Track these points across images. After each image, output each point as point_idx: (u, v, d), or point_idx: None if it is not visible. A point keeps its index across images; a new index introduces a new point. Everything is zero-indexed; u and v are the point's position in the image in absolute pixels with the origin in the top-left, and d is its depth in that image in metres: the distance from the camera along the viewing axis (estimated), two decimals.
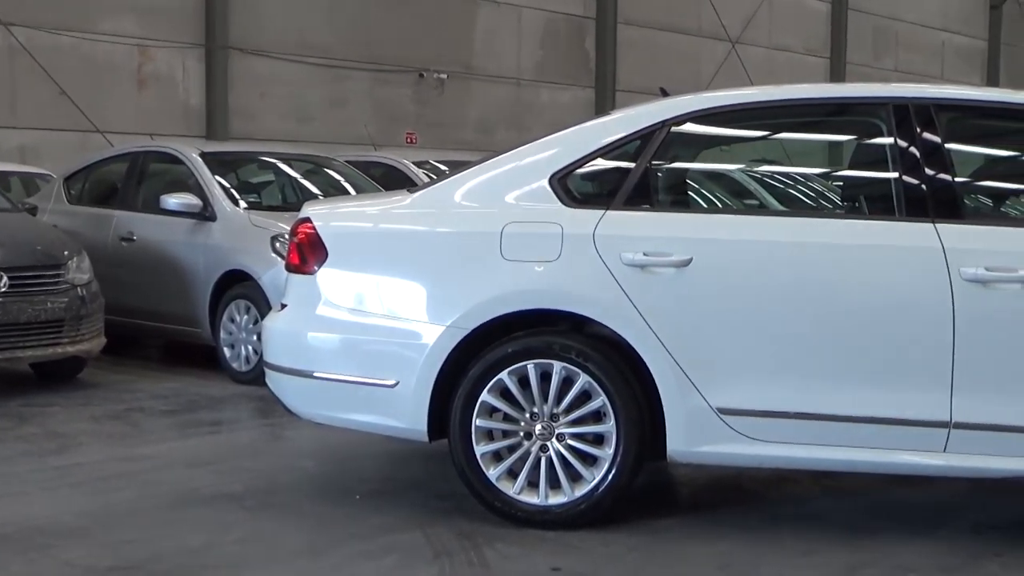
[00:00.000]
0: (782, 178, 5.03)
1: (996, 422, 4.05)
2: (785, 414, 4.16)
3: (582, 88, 20.04)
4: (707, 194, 4.87)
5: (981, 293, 4.02)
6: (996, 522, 4.51)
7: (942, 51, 28.06)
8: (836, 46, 25.00)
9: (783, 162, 5.13)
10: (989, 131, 4.75)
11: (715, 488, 5.04)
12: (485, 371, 4.30)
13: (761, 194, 4.88)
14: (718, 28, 22.03)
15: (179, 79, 15.06)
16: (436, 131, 17.58)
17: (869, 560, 4.01)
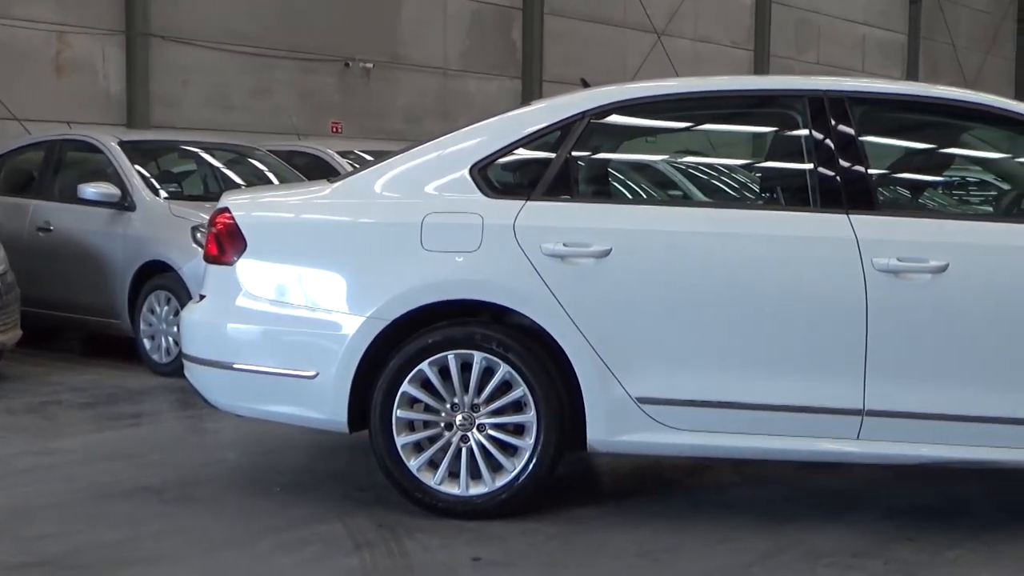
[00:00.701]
0: (702, 169, 5.09)
1: (908, 409, 4.13)
2: (704, 403, 4.21)
3: (509, 78, 20.02)
4: (627, 185, 4.90)
5: (893, 283, 4.10)
6: (908, 507, 4.60)
7: (863, 44, 28.47)
8: (760, 39, 25.24)
9: (703, 153, 5.19)
10: (903, 124, 4.84)
11: (636, 476, 5.08)
12: (406, 362, 4.30)
13: (681, 185, 4.92)
14: (644, 20, 22.13)
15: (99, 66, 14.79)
16: (362, 121, 17.46)
17: (784, 545, 4.08)
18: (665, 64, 22.24)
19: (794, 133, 4.51)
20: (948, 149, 5.09)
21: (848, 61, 27.51)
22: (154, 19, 15.02)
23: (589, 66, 19.48)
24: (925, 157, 5.06)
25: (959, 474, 4.86)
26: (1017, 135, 4.64)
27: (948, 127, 4.85)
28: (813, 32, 26.95)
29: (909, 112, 4.72)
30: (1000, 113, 4.42)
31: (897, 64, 29.71)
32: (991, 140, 4.88)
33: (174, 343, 7.32)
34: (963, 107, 4.52)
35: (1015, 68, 34.07)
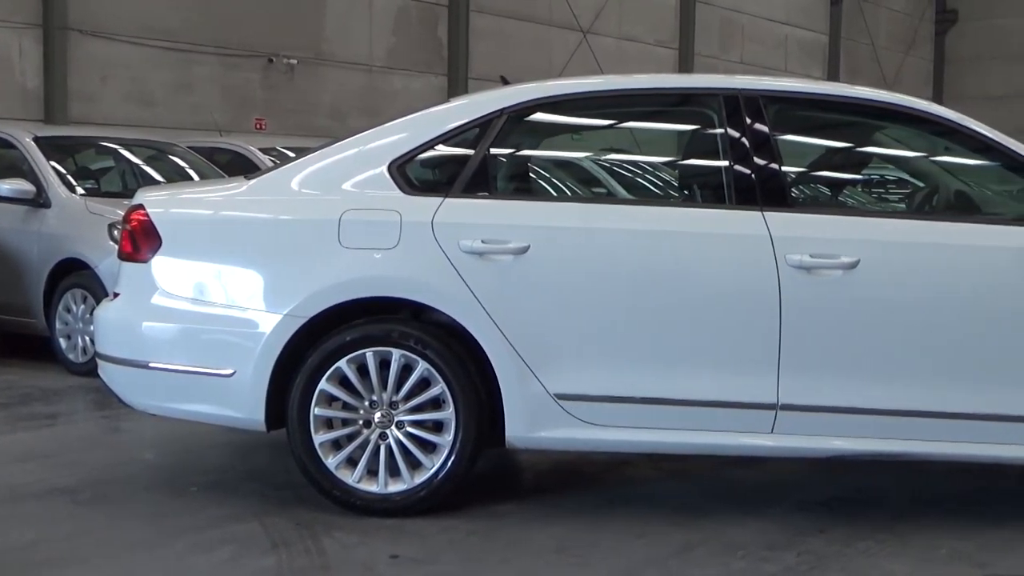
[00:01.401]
0: (621, 167, 5.12)
1: (820, 403, 4.20)
2: (621, 399, 4.24)
3: (435, 75, 20.00)
4: (546, 182, 4.92)
5: (806, 279, 4.16)
6: (821, 499, 4.67)
7: (786, 44, 28.85)
8: (684, 37, 25.48)
9: (622, 151, 5.22)
10: (817, 123, 4.92)
11: (556, 472, 5.11)
12: (323, 359, 4.27)
13: (600, 182, 4.96)
14: (569, 18, 22.23)
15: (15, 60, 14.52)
16: (287, 117, 17.33)
17: (700, 539, 4.12)
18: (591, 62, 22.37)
19: (710, 131, 4.56)
20: (861, 148, 5.19)
21: (771, 60, 27.87)
22: (72, 12, 14.78)
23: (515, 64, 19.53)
24: (839, 155, 5.15)
25: (871, 466, 4.94)
26: (928, 134, 4.73)
27: (861, 126, 4.94)
28: (737, 31, 27.26)
29: (823, 111, 4.79)
30: (912, 113, 4.52)
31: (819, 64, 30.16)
32: (903, 139, 4.98)
33: (91, 342, 7.20)
34: (876, 107, 4.61)
35: (933, 68, 34.73)
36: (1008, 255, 4.19)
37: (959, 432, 4.21)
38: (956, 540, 4.14)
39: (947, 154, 4.82)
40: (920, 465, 4.87)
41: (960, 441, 4.23)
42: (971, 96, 33.13)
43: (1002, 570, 3.86)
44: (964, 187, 4.86)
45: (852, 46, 31.17)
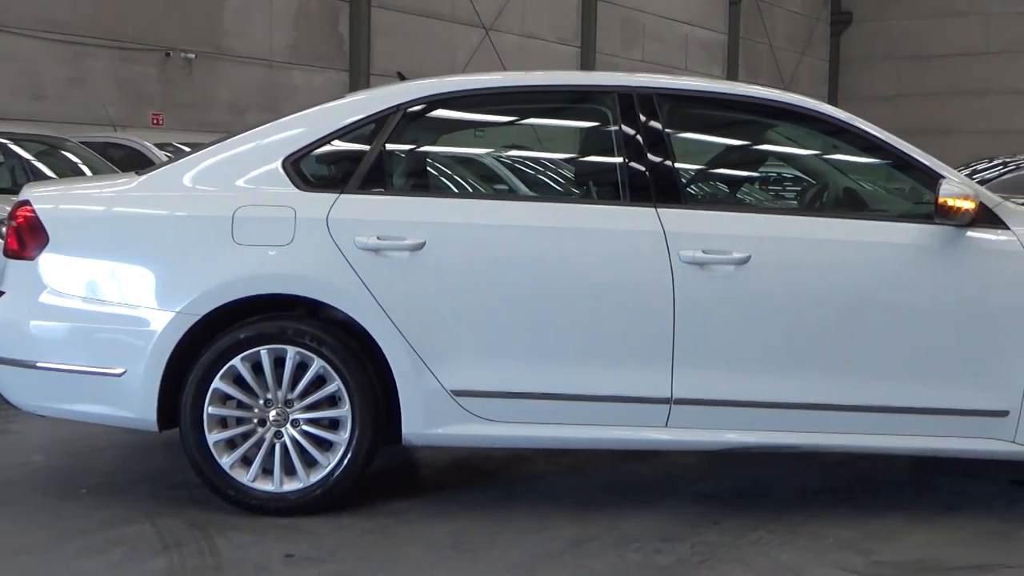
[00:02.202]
0: (518, 163, 5.14)
1: (714, 397, 4.27)
2: (518, 394, 4.26)
3: (336, 71, 19.85)
4: (443, 178, 4.92)
5: (698, 275, 4.22)
6: (715, 492, 4.75)
7: (686, 43, 29.21)
8: (586, 36, 25.64)
9: (520, 148, 5.25)
10: (710, 120, 4.99)
11: (454, 469, 5.11)
12: (217, 358, 4.23)
13: (496, 179, 4.97)
14: (472, 15, 22.23)
15: None
16: (185, 112, 17.07)
17: (596, 533, 4.16)
18: (494, 59, 22.40)
19: (606, 128, 4.60)
20: (753, 145, 5.28)
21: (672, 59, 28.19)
22: None
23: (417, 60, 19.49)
24: (731, 153, 5.23)
25: (764, 458, 5.04)
26: (818, 133, 4.82)
27: (754, 124, 5.02)
28: (638, 30, 27.52)
29: (716, 109, 4.86)
30: (802, 112, 4.61)
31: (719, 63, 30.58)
32: (795, 137, 5.07)
33: None
34: (768, 105, 4.69)
35: (828, 68, 35.45)
36: (893, 251, 4.30)
37: (849, 424, 4.31)
38: (843, 529, 4.24)
39: (836, 152, 4.92)
40: (811, 456, 4.98)
41: (850, 433, 4.33)
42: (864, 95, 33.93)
43: (885, 557, 3.96)
44: (852, 184, 4.98)
45: (751, 46, 31.68)
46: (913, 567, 3.86)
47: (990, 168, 13.02)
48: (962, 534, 4.23)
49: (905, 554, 4.00)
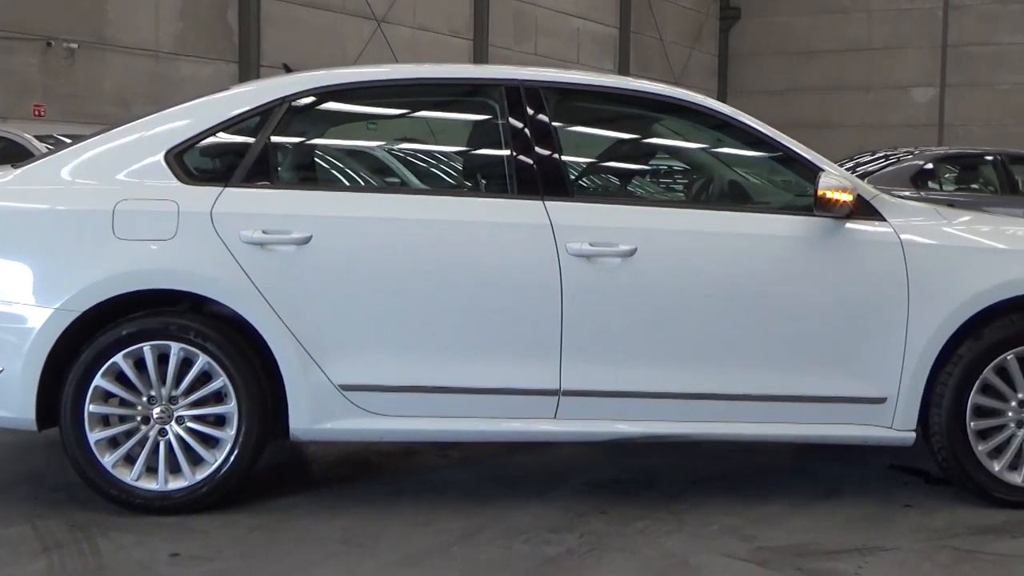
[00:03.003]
0: (406, 156, 5.11)
1: (602, 388, 4.31)
2: (406, 388, 4.25)
3: (226, 63, 19.53)
4: (329, 171, 4.87)
5: (586, 267, 4.26)
6: (604, 482, 4.79)
7: (578, 37, 29.37)
8: (479, 29, 25.63)
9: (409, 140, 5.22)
10: (597, 114, 5.03)
11: (343, 464, 5.08)
12: (98, 355, 4.14)
13: (383, 172, 4.94)
14: (363, 6, 22.06)
15: None
16: (68, 104, 16.63)
17: (484, 525, 4.17)
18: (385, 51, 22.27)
19: (494, 122, 4.60)
20: (640, 139, 5.34)
21: (564, 53, 28.33)
22: None
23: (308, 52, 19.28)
24: (618, 146, 5.29)
25: (651, 448, 5.11)
26: (703, 127, 4.89)
27: (641, 118, 5.08)
28: (530, 24, 27.59)
29: (603, 103, 4.91)
30: (688, 106, 4.67)
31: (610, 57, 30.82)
32: (681, 131, 5.14)
33: None
34: (654, 99, 4.75)
35: (718, 63, 35.98)
36: (774, 242, 4.38)
37: (734, 413, 4.39)
38: (727, 516, 4.32)
39: (721, 146, 5.00)
40: (698, 445, 5.06)
41: (735, 421, 4.41)
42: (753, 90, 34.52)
43: (768, 542, 4.04)
44: (737, 177, 5.06)
45: (642, 40, 31.99)
46: (794, 551, 3.95)
47: (872, 161, 13.36)
48: (842, 518, 4.33)
49: (787, 539, 4.08)
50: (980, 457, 4.41)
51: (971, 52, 32.58)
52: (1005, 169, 12.95)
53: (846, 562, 3.85)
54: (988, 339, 4.37)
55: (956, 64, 32.84)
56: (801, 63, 34.36)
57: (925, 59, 33.24)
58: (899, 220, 4.44)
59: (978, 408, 4.40)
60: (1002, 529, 4.21)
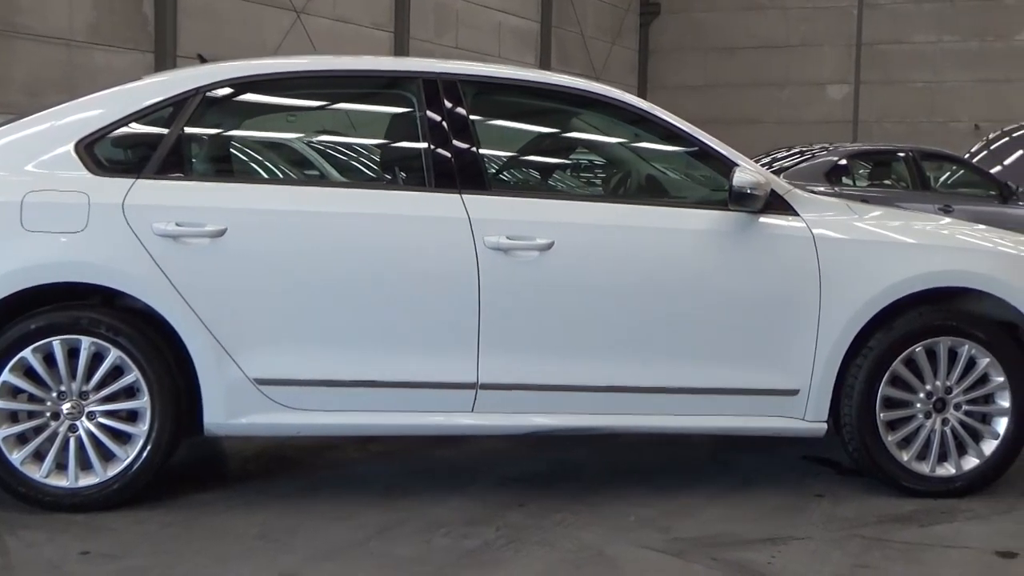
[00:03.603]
0: (323, 149, 5.08)
1: (519, 382, 4.32)
2: (323, 382, 4.23)
3: (142, 52, 19.18)
4: (245, 163, 4.82)
5: (503, 260, 4.26)
6: (522, 475, 4.81)
7: (499, 30, 29.37)
8: (400, 21, 25.50)
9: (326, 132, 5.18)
10: (516, 108, 5.04)
11: (261, 458, 5.03)
12: (6, 349, 4.06)
13: (300, 164, 4.90)
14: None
15: None
16: None
17: (402, 519, 4.16)
18: (305, 43, 22.07)
19: (411, 114, 4.58)
20: (558, 133, 5.36)
21: (486, 46, 28.31)
22: None
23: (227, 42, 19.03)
24: (536, 140, 5.30)
25: (569, 441, 5.13)
26: (621, 122, 4.92)
27: (559, 112, 5.10)
28: (452, 17, 27.53)
29: (522, 97, 4.91)
30: (605, 101, 4.70)
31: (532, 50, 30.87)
32: (599, 126, 5.16)
33: None
34: (572, 94, 4.77)
35: (638, 58, 36.23)
36: (690, 236, 4.43)
37: (651, 405, 4.43)
38: (644, 507, 4.35)
39: (639, 141, 5.04)
40: (616, 437, 5.10)
41: (652, 414, 4.44)
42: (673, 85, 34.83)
43: (683, 533, 4.08)
44: (654, 172, 5.10)
45: (563, 34, 32.08)
46: (708, 541, 3.99)
47: (788, 157, 13.55)
48: (755, 508, 4.39)
49: (702, 529, 4.13)
50: (889, 447, 4.50)
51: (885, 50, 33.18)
52: (917, 165, 13.23)
53: (759, 552, 3.90)
54: (897, 332, 4.46)
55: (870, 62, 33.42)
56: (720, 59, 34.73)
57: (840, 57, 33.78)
58: (812, 215, 4.51)
59: (888, 399, 4.48)
60: (910, 518, 4.29)
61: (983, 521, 4.28)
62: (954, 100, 32.57)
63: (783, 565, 3.78)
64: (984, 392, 4.54)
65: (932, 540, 4.06)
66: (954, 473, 4.54)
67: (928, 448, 4.53)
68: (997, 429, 4.55)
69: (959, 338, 4.49)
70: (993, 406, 4.55)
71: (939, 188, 13.52)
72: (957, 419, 4.53)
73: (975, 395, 4.54)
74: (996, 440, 4.55)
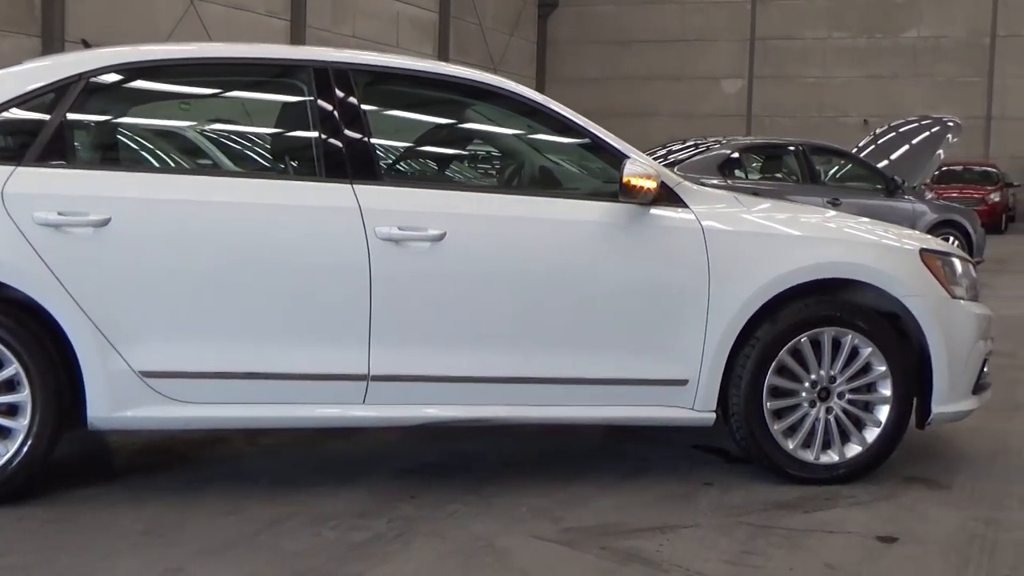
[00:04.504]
0: (212, 137, 4.99)
1: (412, 373, 4.30)
2: (212, 374, 4.16)
3: (27, 36, 18.69)
4: (130, 151, 4.71)
5: (395, 251, 4.24)
6: (415, 467, 4.80)
7: (397, 20, 29.24)
8: (296, 9, 25.23)
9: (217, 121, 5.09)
10: (409, 98, 5.01)
11: (146, 452, 4.94)
12: None
13: (188, 152, 4.80)
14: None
15: None
16: None
17: (292, 512, 4.12)
18: (199, 30, 21.71)
19: (302, 103, 4.53)
20: (452, 124, 5.34)
21: (384, 36, 28.16)
22: None
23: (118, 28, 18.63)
24: (430, 131, 5.29)
25: (463, 432, 5.13)
26: (514, 113, 4.91)
27: (452, 103, 5.08)
28: (349, 6, 27.32)
29: (414, 87, 4.88)
30: (498, 92, 4.71)
31: (430, 41, 30.79)
32: (493, 117, 5.16)
33: None
34: (465, 85, 4.76)
35: (536, 50, 36.37)
36: (582, 227, 4.45)
37: (544, 396, 4.45)
38: (536, 498, 4.37)
39: (533, 132, 5.05)
40: (510, 428, 5.11)
41: (545, 405, 4.46)
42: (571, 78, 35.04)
43: (574, 523, 4.11)
44: (548, 164, 5.12)
45: (461, 25, 32.05)
46: (599, 531, 4.03)
47: (683, 149, 13.73)
48: (646, 497, 4.44)
49: (593, 519, 4.16)
50: (776, 436, 4.58)
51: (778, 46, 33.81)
52: (807, 159, 13.51)
53: (648, 540, 3.94)
54: (784, 322, 4.54)
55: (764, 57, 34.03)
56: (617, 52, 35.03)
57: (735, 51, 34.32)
58: (701, 207, 4.57)
59: (774, 389, 4.57)
60: (795, 505, 4.38)
61: (865, 507, 4.38)
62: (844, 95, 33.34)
63: (671, 553, 3.83)
64: (866, 381, 4.65)
65: (815, 526, 4.15)
66: (837, 460, 4.65)
67: (813, 436, 4.63)
68: (879, 417, 4.66)
69: (843, 328, 4.59)
70: (875, 394, 4.66)
71: (828, 182, 13.84)
72: (841, 407, 4.63)
73: (858, 384, 4.64)
74: (878, 428, 4.67)
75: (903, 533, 4.10)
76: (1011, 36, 32.20)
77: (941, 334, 4.65)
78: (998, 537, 4.09)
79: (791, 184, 13.41)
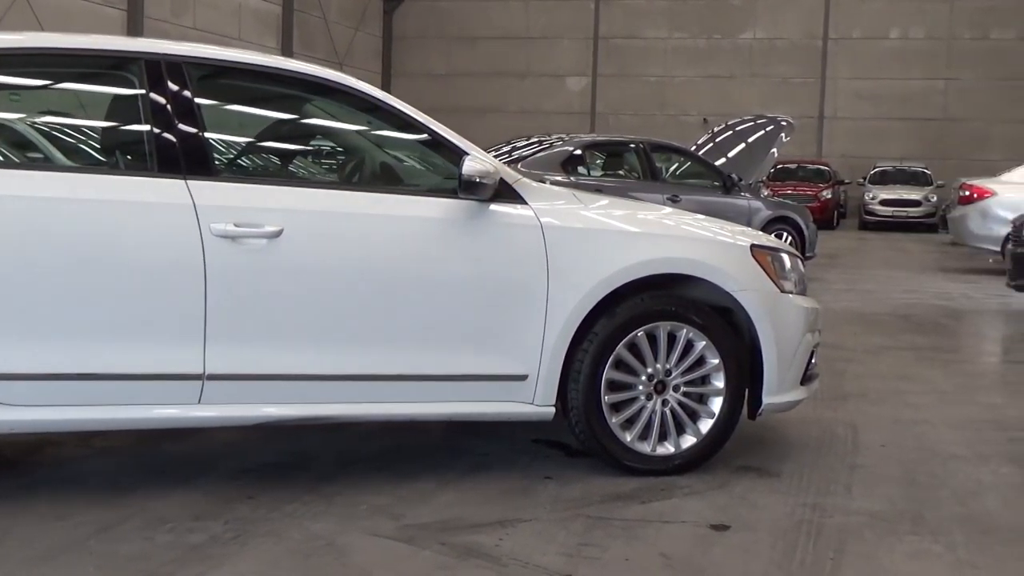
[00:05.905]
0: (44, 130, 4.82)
1: (248, 371, 4.24)
2: (39, 376, 4.02)
3: None
4: None
5: (231, 248, 4.17)
6: (253, 467, 4.73)
7: (239, 12, 28.73)
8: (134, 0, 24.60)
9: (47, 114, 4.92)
10: (246, 92, 4.93)
11: None
12: None
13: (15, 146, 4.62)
14: None
15: None
16: None
17: (125, 516, 4.02)
18: (30, 19, 20.95)
19: (133, 96, 4.41)
20: (291, 119, 5.27)
21: (225, 28, 27.65)
22: None
23: None
24: (268, 126, 5.21)
25: (302, 431, 5.08)
26: (355, 109, 4.88)
27: (291, 98, 5.02)
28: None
29: (252, 81, 4.81)
30: (338, 88, 4.66)
31: (274, 34, 30.34)
32: (332, 112, 5.11)
33: None
34: (302, 80, 4.70)
35: (382, 45, 36.18)
36: (421, 224, 4.45)
37: (384, 393, 4.44)
38: (377, 495, 4.36)
39: (373, 128, 5.02)
40: (350, 426, 5.08)
41: (385, 402, 4.45)
42: (417, 73, 34.99)
43: (414, 519, 4.11)
44: (388, 160, 5.10)
45: (305, 19, 31.68)
46: (439, 527, 4.04)
47: (528, 146, 13.85)
48: (487, 492, 4.47)
49: (433, 515, 4.17)
50: (614, 429, 4.66)
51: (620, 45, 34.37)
52: (647, 157, 13.78)
53: (488, 535, 3.97)
54: (620, 317, 4.63)
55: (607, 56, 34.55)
56: (463, 48, 35.12)
57: (579, 50, 34.76)
58: (540, 204, 4.61)
59: (612, 383, 4.65)
60: (632, 496, 4.47)
61: (699, 496, 4.50)
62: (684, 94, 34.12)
63: (510, 547, 3.86)
64: (701, 374, 4.77)
65: (652, 516, 4.24)
66: (673, 452, 4.76)
67: (649, 428, 4.72)
68: (713, 408, 4.79)
69: (678, 323, 4.70)
70: (709, 387, 4.78)
71: (668, 179, 14.13)
72: (676, 400, 4.74)
73: (692, 377, 4.76)
74: (712, 419, 4.79)
75: (735, 521, 4.22)
76: (842, 39, 33.45)
77: (771, 327, 4.80)
78: (823, 522, 4.24)
79: (632, 181, 13.67)
